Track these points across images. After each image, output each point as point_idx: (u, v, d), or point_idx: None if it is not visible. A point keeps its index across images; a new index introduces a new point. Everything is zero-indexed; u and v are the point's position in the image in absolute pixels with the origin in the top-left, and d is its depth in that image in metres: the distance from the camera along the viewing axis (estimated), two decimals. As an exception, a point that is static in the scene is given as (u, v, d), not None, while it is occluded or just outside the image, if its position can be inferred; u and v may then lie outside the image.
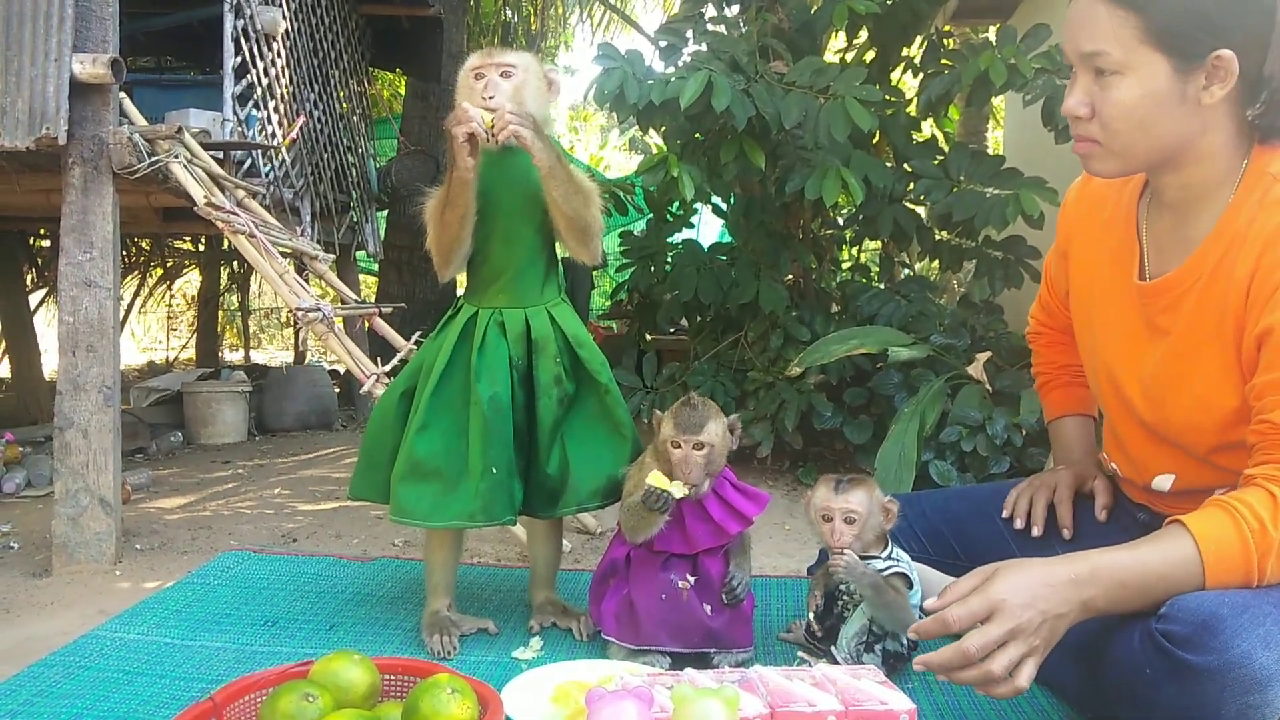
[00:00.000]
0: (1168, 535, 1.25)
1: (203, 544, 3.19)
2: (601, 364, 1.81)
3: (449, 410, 1.76)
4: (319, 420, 6.06)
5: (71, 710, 1.48)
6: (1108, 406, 1.61)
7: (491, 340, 1.76)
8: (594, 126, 15.42)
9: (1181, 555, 1.22)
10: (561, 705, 1.43)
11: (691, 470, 1.57)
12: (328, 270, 3.88)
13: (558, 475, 1.77)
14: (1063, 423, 1.84)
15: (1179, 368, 1.40)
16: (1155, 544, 1.25)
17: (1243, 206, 1.33)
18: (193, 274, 10.23)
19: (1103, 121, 1.32)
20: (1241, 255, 1.31)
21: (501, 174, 1.76)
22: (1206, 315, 1.36)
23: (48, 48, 2.87)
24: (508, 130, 1.62)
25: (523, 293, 1.79)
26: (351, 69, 6.07)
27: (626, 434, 1.80)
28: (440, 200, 1.75)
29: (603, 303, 8.55)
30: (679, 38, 4.06)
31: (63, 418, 2.91)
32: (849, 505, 1.59)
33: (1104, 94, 1.31)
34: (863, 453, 3.79)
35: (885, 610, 1.56)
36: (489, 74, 1.71)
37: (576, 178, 1.74)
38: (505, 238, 1.78)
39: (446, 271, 1.80)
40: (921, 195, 3.94)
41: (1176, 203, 1.41)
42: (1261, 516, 1.21)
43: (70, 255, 2.94)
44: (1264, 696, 1.12)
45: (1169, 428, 1.44)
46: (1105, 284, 1.55)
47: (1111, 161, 1.37)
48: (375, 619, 1.89)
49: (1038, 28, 3.64)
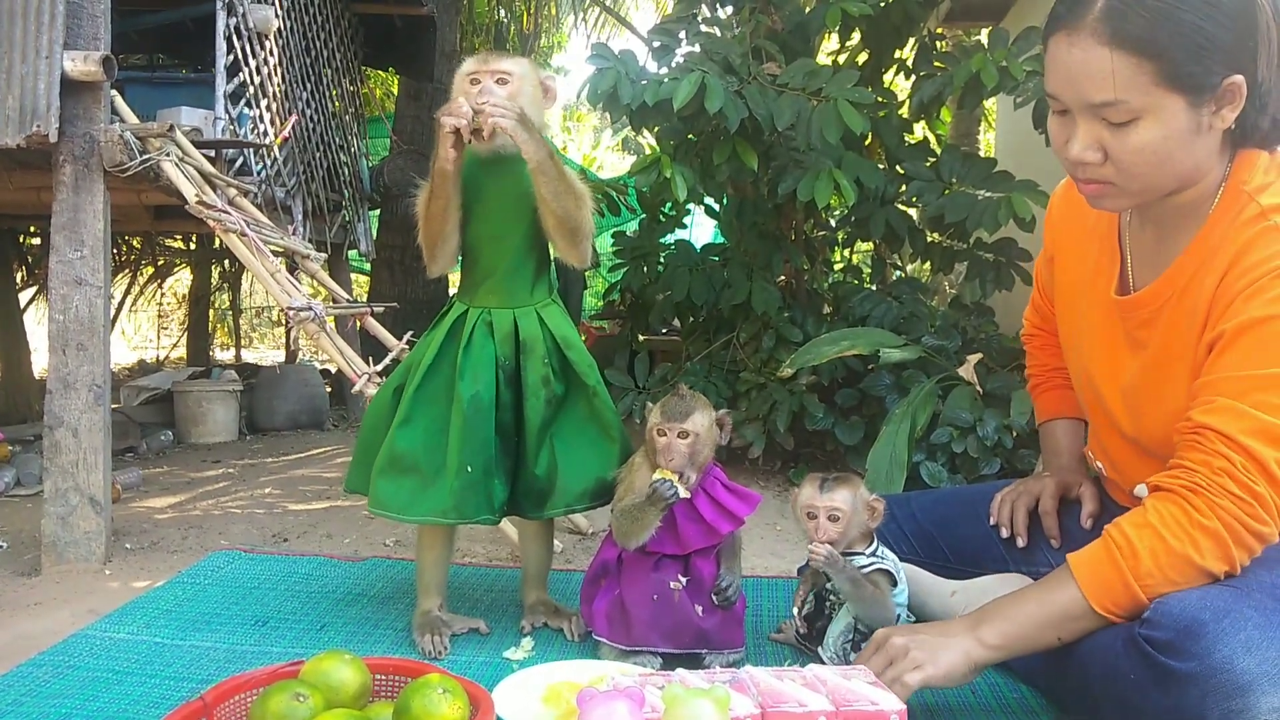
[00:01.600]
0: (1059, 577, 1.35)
1: (193, 543, 3.18)
2: (590, 366, 1.82)
3: (432, 407, 1.76)
4: (310, 420, 6.04)
5: (61, 710, 1.47)
6: (1091, 414, 1.62)
7: (478, 339, 1.76)
8: (587, 127, 15.41)
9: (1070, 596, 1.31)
10: (553, 705, 1.43)
11: (674, 457, 1.58)
12: (319, 269, 3.88)
13: (545, 477, 1.78)
14: (1053, 426, 1.83)
15: (1155, 380, 1.40)
16: (1049, 586, 1.35)
17: (1219, 223, 1.32)
18: (184, 273, 10.19)
19: (1120, 166, 1.27)
20: (1211, 270, 1.31)
21: (492, 174, 1.76)
22: (1180, 330, 1.36)
23: (39, 45, 2.86)
24: (490, 121, 1.62)
25: (512, 293, 1.79)
26: (344, 68, 6.06)
27: (615, 436, 1.80)
28: (427, 192, 1.76)
29: (595, 303, 8.56)
30: (672, 38, 4.06)
31: (52, 416, 2.90)
32: (833, 503, 1.60)
33: (1120, 140, 1.25)
34: (854, 454, 3.80)
35: (864, 606, 1.57)
36: (484, 80, 1.71)
37: (569, 178, 1.74)
38: (494, 238, 1.78)
39: (435, 266, 1.81)
40: (913, 197, 3.96)
41: (1160, 218, 1.40)
42: (1129, 536, 1.28)
43: (61, 253, 2.93)
44: (1246, 701, 1.13)
45: (1148, 439, 1.44)
46: (1088, 293, 1.55)
47: (1127, 199, 1.34)
48: (366, 619, 1.89)
49: (1029, 30, 3.65)
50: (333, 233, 5.61)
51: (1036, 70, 3.51)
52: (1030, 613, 1.32)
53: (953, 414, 3.38)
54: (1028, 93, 3.49)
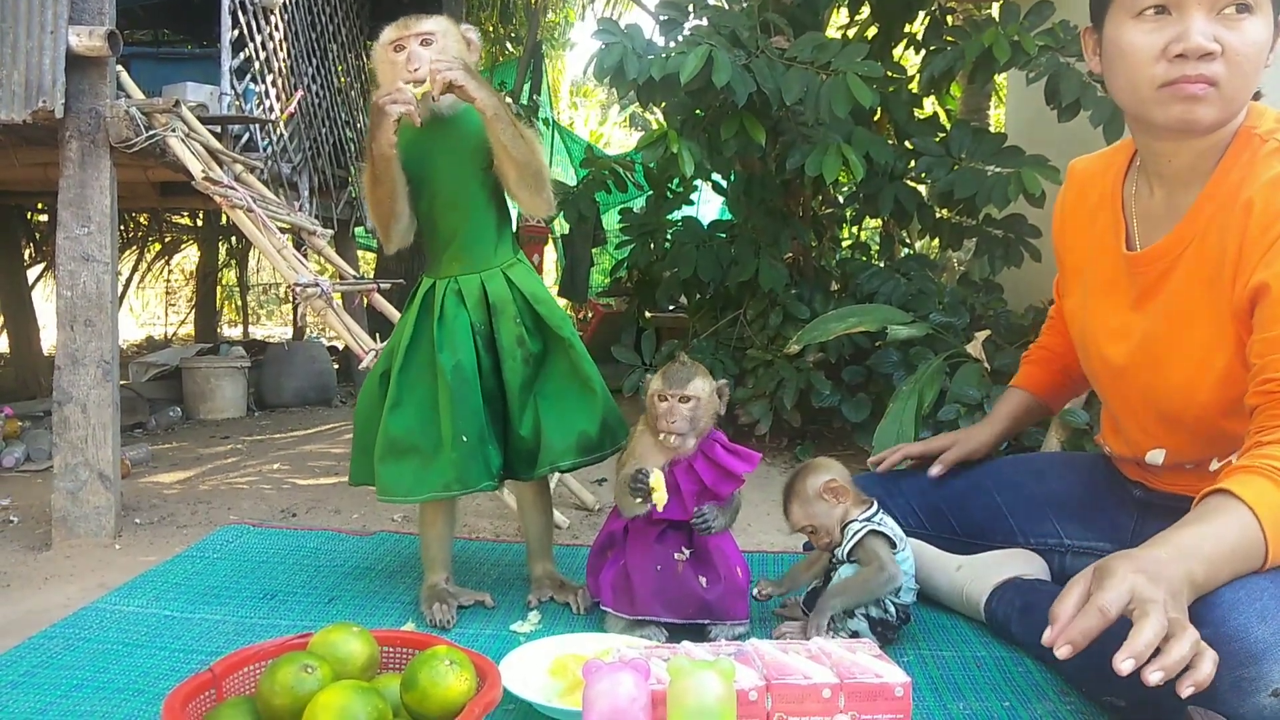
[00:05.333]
0: (1222, 508, 1.20)
1: (202, 518, 3.20)
2: (563, 319, 1.81)
3: (418, 385, 1.76)
4: (318, 396, 6.06)
5: (72, 681, 1.48)
6: (1100, 383, 1.62)
7: (450, 309, 1.75)
8: (594, 102, 15.32)
9: (1242, 525, 1.18)
10: (559, 677, 1.44)
11: (675, 421, 1.59)
12: (326, 246, 3.87)
13: (531, 436, 1.78)
14: (1010, 391, 1.94)
15: (1171, 330, 1.41)
16: (1216, 517, 1.20)
17: (1232, 167, 1.34)
18: (191, 249, 10.21)
19: (1231, 60, 1.27)
20: (1233, 213, 1.32)
21: (434, 142, 1.74)
22: (1198, 276, 1.37)
23: (44, 20, 2.85)
24: (441, 78, 1.61)
25: (475, 258, 1.78)
26: (350, 42, 6.03)
27: (595, 388, 1.80)
28: (368, 178, 1.75)
29: (602, 280, 8.54)
30: (680, 12, 4.03)
31: (61, 392, 2.91)
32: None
33: (1236, 32, 1.26)
34: (861, 430, 3.80)
35: (862, 599, 1.58)
36: (409, 45, 1.69)
37: (519, 124, 1.72)
38: (448, 205, 1.76)
39: (390, 244, 1.81)
40: (923, 173, 3.93)
41: (1170, 174, 1.41)
42: None
43: (68, 229, 2.93)
44: (1259, 669, 1.13)
45: (1161, 395, 1.45)
46: (1095, 260, 1.56)
47: (1219, 108, 1.31)
48: (374, 592, 1.90)
49: (1041, 5, 3.61)
50: (339, 209, 5.60)
51: (1049, 44, 3.47)
52: (1227, 556, 1.19)
53: (960, 391, 3.37)
54: (1039, 67, 3.46)
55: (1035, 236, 3.94)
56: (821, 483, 1.65)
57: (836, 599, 1.58)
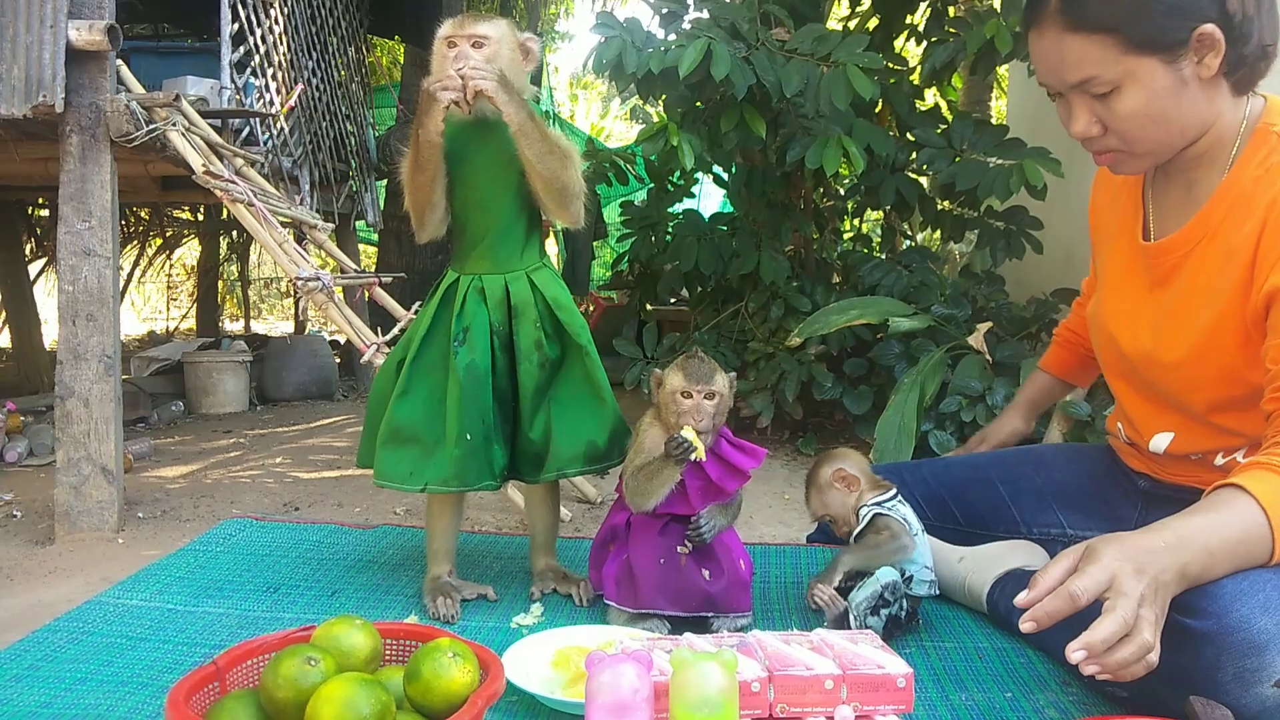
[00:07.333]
0: (1231, 500, 1.19)
1: (204, 512, 3.21)
2: (581, 326, 1.81)
3: (429, 376, 1.77)
4: (320, 390, 6.07)
5: (76, 674, 1.49)
6: (1108, 367, 1.62)
7: (471, 307, 1.76)
8: (595, 95, 15.29)
9: (1250, 519, 1.17)
10: (562, 669, 1.44)
11: (704, 417, 1.59)
12: (327, 239, 3.87)
13: (541, 440, 1.78)
14: (1036, 374, 2.04)
15: (1178, 320, 1.42)
16: (1222, 509, 1.19)
17: (1247, 165, 1.35)
18: (192, 243, 10.20)
19: (1119, 134, 1.33)
20: (1248, 213, 1.32)
21: (475, 141, 1.74)
22: (1208, 271, 1.38)
23: (43, 14, 2.85)
24: (472, 85, 1.61)
25: (501, 259, 1.79)
26: (350, 36, 6.02)
27: (607, 398, 1.81)
28: (410, 163, 1.74)
29: (603, 273, 8.53)
30: (679, 4, 4.02)
31: (64, 387, 2.92)
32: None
33: (1111, 110, 1.31)
34: (862, 423, 3.80)
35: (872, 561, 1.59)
36: (460, 44, 1.69)
37: (553, 137, 1.71)
38: (481, 205, 1.77)
39: (423, 234, 1.82)
40: (924, 165, 3.92)
41: (1184, 168, 1.42)
42: None
43: (69, 224, 2.93)
44: (1261, 660, 1.13)
45: (1167, 382, 1.46)
46: (1114, 243, 1.57)
47: (1140, 161, 1.39)
48: (377, 585, 1.90)
49: (1043, -5, 3.59)
50: (340, 203, 5.59)
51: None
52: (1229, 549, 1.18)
53: (962, 383, 3.37)
54: (1040, 58, 3.45)
55: (1037, 228, 3.94)
56: (832, 471, 1.69)
57: (848, 555, 1.60)
